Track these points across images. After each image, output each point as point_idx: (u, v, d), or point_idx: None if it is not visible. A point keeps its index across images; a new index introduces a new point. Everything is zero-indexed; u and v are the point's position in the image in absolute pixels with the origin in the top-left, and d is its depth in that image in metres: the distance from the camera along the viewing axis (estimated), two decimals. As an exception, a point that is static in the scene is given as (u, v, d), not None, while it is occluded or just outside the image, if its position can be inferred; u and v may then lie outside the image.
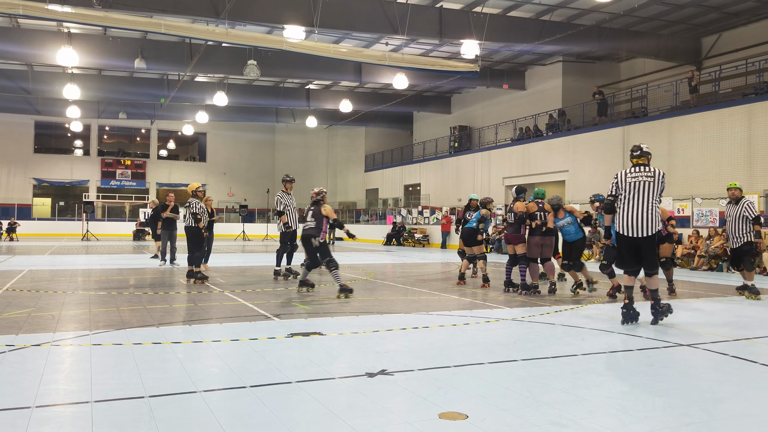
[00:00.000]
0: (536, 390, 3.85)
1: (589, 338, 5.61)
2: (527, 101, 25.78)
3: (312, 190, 8.70)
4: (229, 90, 26.01)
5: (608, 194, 6.49)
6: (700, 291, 9.88)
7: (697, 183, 16.93)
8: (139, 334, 5.55)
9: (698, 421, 3.30)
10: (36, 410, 3.36)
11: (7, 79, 24.83)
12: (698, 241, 15.06)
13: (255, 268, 13.59)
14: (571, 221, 8.94)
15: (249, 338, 5.39)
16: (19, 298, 7.84)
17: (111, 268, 12.78)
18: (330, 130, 38.61)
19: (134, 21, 15.20)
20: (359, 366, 4.41)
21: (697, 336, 5.74)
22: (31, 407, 3.40)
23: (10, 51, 20.08)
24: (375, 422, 3.21)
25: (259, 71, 19.21)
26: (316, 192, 8.57)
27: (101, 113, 31.27)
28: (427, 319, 6.62)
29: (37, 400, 3.54)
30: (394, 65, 18.46)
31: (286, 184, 11.14)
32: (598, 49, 20.77)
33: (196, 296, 8.26)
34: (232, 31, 16.33)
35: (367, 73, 23.67)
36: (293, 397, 3.64)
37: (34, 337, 5.34)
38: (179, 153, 41.15)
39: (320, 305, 7.60)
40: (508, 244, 9.34)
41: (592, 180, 20.54)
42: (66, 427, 3.14)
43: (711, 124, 16.97)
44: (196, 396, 3.66)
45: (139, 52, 20.09)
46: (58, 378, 4.10)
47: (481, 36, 17.34)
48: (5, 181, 34.83)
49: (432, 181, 30.00)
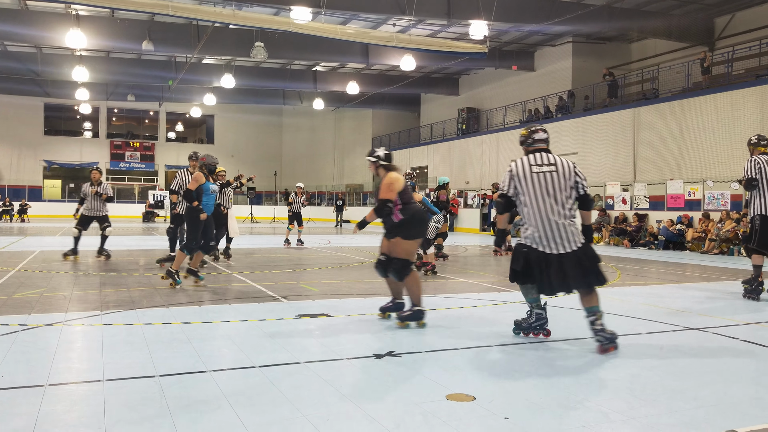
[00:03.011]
0: (544, 372, 3.86)
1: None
2: (536, 83, 25.49)
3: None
4: (237, 72, 25.92)
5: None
6: (710, 275, 9.83)
7: (709, 166, 16.74)
8: (150, 314, 5.60)
9: (708, 405, 3.29)
10: (49, 388, 3.41)
11: (17, 61, 24.88)
12: (709, 224, 14.94)
13: (263, 249, 13.65)
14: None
15: (258, 319, 5.43)
16: (31, 279, 7.92)
17: (121, 249, 12.88)
18: (337, 113, 38.46)
19: (142, 3, 15.13)
20: (367, 347, 4.44)
21: (707, 320, 5.72)
22: (44, 385, 3.45)
23: (18, 33, 20.08)
24: (383, 403, 3.23)
25: (266, 53, 19.12)
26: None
27: (110, 95, 31.31)
28: (434, 301, 6.63)
29: (50, 378, 3.59)
30: (401, 46, 18.30)
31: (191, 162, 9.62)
32: (608, 30, 20.47)
33: (205, 278, 8.31)
34: (239, 12, 16.23)
35: (374, 55, 23.49)
36: (301, 378, 3.67)
37: (47, 316, 5.41)
38: (187, 135, 41.21)
39: (328, 287, 7.63)
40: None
41: (602, 163, 20.39)
42: (78, 405, 3.19)
43: (724, 106, 16.72)
44: (206, 375, 3.69)
45: (147, 34, 20.02)
46: (70, 357, 4.15)
47: (489, 16, 17.10)
48: (16, 163, 35.07)
49: (439, 163, 29.87)
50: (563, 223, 4.44)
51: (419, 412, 3.10)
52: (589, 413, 3.11)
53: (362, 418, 3.00)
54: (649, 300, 6.91)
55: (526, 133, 4.86)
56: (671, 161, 18.03)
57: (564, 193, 4.50)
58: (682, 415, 3.10)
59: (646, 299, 6.98)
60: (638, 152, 19.21)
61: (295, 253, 12.86)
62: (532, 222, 4.52)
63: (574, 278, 4.41)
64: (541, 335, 4.82)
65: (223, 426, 2.88)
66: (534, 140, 4.79)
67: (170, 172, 37.68)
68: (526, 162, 4.66)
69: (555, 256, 4.42)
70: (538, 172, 4.56)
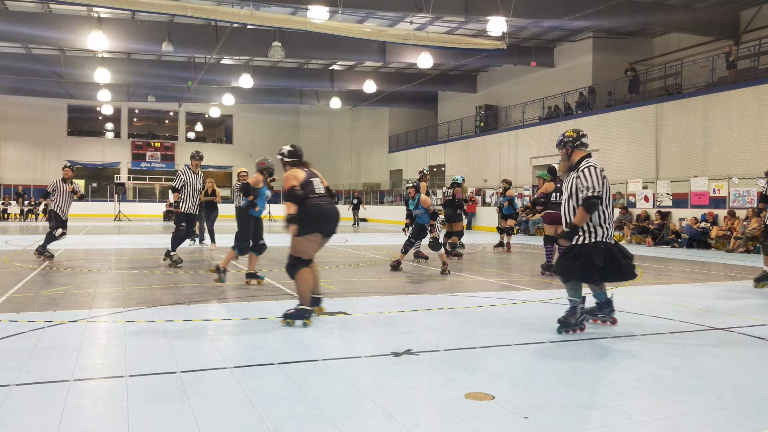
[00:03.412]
0: (564, 372, 3.82)
1: (619, 320, 5.53)
2: (556, 79, 25.21)
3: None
4: (255, 72, 26.09)
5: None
6: (736, 273, 9.65)
7: (734, 162, 16.43)
8: (171, 311, 5.68)
9: (731, 406, 3.23)
10: (74, 383, 3.47)
11: (41, 63, 25.36)
12: (734, 222, 14.66)
13: (281, 248, 13.74)
14: None
15: (276, 317, 5.46)
16: (56, 276, 8.08)
17: (143, 248, 13.07)
18: (354, 111, 38.50)
19: (161, 4, 15.30)
20: (385, 345, 4.44)
21: (732, 319, 5.62)
22: (69, 380, 3.52)
23: (42, 36, 20.44)
24: (401, 401, 3.23)
25: (283, 53, 19.20)
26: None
27: (131, 96, 31.74)
28: (452, 299, 6.61)
29: (74, 373, 3.66)
30: (418, 44, 18.24)
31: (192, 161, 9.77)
32: (630, 24, 20.15)
33: (224, 276, 8.38)
34: (257, 12, 16.33)
35: (391, 53, 23.44)
36: (320, 375, 3.68)
37: (71, 313, 5.51)
38: (206, 135, 41.60)
39: (346, 285, 7.66)
40: (550, 225, 8.90)
41: (624, 160, 20.12)
42: (102, 400, 3.25)
43: (749, 100, 16.39)
44: (226, 372, 3.73)
45: (167, 36, 20.26)
46: (94, 353, 4.22)
47: (508, 12, 16.96)
48: (41, 163, 35.74)
49: (457, 161, 29.74)
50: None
51: (437, 410, 3.09)
52: (611, 414, 3.07)
53: (380, 415, 3.01)
54: (673, 299, 6.81)
55: (575, 135, 4.95)
56: (695, 158, 17.72)
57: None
58: (706, 417, 3.05)
59: (669, 298, 6.88)
60: (661, 149, 18.92)
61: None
62: (608, 220, 4.79)
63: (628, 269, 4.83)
64: (600, 322, 5.24)
65: (243, 422, 2.90)
66: (583, 143, 4.96)
67: (189, 171, 38.09)
68: (598, 164, 4.86)
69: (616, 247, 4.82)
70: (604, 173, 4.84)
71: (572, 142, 4.92)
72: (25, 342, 4.40)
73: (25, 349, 4.18)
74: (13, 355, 4.05)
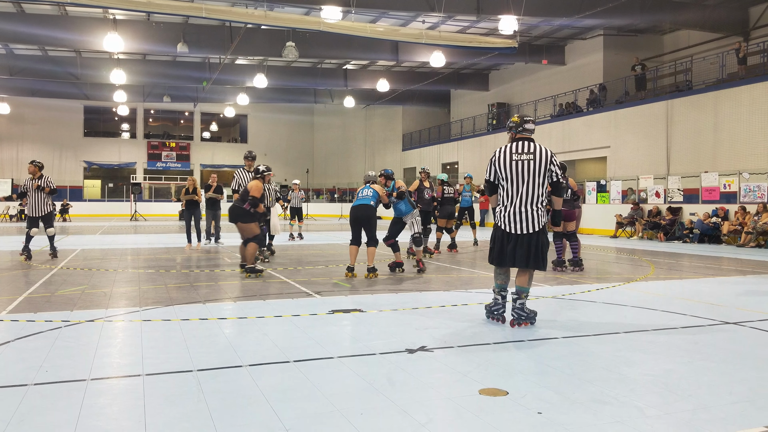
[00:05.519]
0: (577, 367, 3.83)
1: (631, 316, 5.52)
2: (567, 76, 25.09)
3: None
4: (269, 72, 26.23)
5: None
6: (747, 268, 9.55)
7: (745, 158, 16.29)
8: (187, 310, 5.76)
9: (743, 400, 3.23)
10: (91, 382, 3.53)
11: (57, 65, 25.70)
12: (745, 217, 14.55)
13: (295, 246, 13.82)
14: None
15: (291, 315, 5.52)
16: (73, 276, 8.21)
17: (158, 247, 13.22)
18: (367, 110, 38.56)
19: (176, 6, 15.45)
20: (399, 342, 4.47)
21: (744, 314, 5.58)
22: (87, 380, 3.57)
23: (59, 38, 20.71)
24: (416, 397, 3.26)
25: (297, 53, 19.29)
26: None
27: (146, 97, 32.06)
28: (465, 296, 6.63)
29: (92, 373, 3.72)
30: (431, 43, 18.23)
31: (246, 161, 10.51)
32: (640, 22, 19.98)
33: (239, 274, 8.48)
34: (271, 13, 16.42)
35: (403, 52, 23.45)
36: (335, 372, 3.73)
37: (88, 313, 5.60)
38: (221, 135, 41.91)
39: (360, 283, 7.70)
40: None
41: (635, 156, 19.98)
42: (119, 399, 3.30)
43: (759, 96, 16.23)
44: (242, 370, 3.78)
45: (182, 37, 20.45)
46: (111, 352, 4.28)
47: (519, 11, 16.90)
48: (58, 164, 36.24)
49: (470, 159, 29.67)
50: (531, 208, 4.94)
51: (452, 406, 3.12)
52: (623, 408, 3.09)
53: (395, 412, 3.04)
54: (685, 294, 6.78)
55: (518, 120, 5.15)
56: (706, 153, 17.59)
57: (538, 179, 4.94)
58: (718, 411, 3.05)
59: (681, 293, 6.85)
60: (671, 145, 18.77)
61: (328, 249, 12.99)
62: (505, 204, 5.03)
63: (519, 257, 4.96)
64: (499, 321, 5.20)
65: (259, 420, 2.95)
66: (524, 129, 5.12)
67: (205, 171, 38.41)
68: (508, 150, 5.04)
69: (514, 236, 4.99)
70: (518, 160, 4.97)
71: (515, 128, 5.15)
72: (43, 341, 4.47)
73: (42, 349, 4.24)
74: (31, 354, 4.11)
